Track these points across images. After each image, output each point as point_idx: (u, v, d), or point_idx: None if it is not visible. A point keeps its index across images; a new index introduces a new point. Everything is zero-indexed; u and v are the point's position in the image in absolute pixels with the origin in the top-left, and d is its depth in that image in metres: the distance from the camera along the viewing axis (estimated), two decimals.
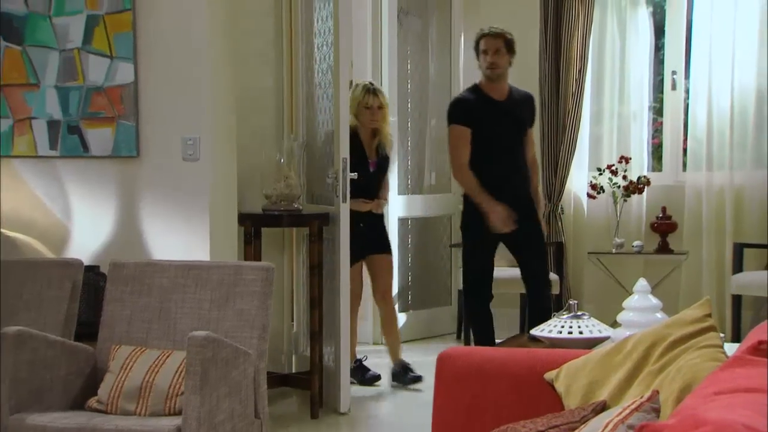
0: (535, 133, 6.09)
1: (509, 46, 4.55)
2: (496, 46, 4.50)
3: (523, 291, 5.76)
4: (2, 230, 4.05)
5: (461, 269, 5.45)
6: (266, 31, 4.61)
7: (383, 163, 4.80)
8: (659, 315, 2.69)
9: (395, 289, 5.69)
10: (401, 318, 5.72)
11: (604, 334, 2.96)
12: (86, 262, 3.76)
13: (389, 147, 4.85)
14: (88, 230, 4.06)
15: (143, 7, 3.94)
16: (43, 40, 4.04)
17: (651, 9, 5.99)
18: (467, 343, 5.42)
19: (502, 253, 5.74)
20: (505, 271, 5.59)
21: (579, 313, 3.11)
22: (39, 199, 4.12)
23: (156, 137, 3.97)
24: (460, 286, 5.51)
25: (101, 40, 3.98)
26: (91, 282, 3.79)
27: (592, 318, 3.10)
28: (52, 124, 4.06)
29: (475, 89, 4.56)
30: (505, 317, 5.51)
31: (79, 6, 3.99)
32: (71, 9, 4.00)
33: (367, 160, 4.71)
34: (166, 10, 3.93)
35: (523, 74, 6.00)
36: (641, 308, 2.71)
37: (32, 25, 4.05)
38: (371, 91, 4.71)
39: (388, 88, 5.72)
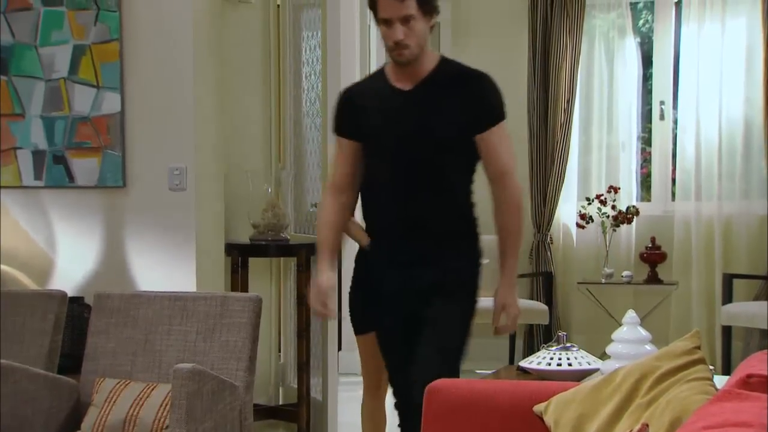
0: (524, 163, 6.15)
1: (425, 4, 2.64)
2: (402, 11, 2.58)
3: None
4: None
5: None
6: (254, 61, 4.61)
7: None
8: (648, 347, 2.68)
9: None
10: None
11: (593, 366, 2.94)
12: (70, 293, 3.72)
13: None
14: (72, 261, 4.02)
15: (130, 37, 3.94)
16: (29, 69, 4.03)
17: (638, 39, 6.03)
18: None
19: (489, 280, 5.71)
20: (493, 300, 5.56)
21: (568, 344, 3.10)
22: (23, 229, 4.09)
23: (142, 167, 3.95)
24: None
25: (88, 69, 3.97)
26: (75, 314, 3.75)
27: (581, 350, 3.09)
28: (38, 154, 4.04)
29: (379, 75, 2.78)
30: (493, 348, 5.47)
31: (65, 36, 3.98)
32: (57, 39, 3.99)
33: None
34: (153, 40, 3.93)
35: (512, 105, 6.00)
36: (630, 340, 2.70)
37: (18, 54, 4.04)
38: None
39: None
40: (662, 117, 5.91)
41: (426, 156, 2.65)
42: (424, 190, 2.66)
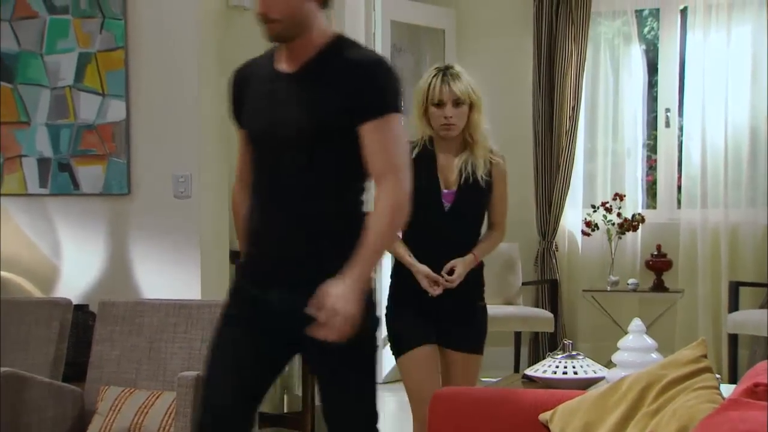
0: (529, 170, 6.15)
1: None
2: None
3: (518, 329, 5.77)
4: None
5: None
6: None
7: (472, 196, 3.08)
8: (654, 355, 2.67)
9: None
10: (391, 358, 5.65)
11: (598, 374, 2.93)
12: (75, 301, 3.72)
13: (484, 167, 3.09)
14: (77, 269, 4.02)
15: (135, 45, 3.94)
16: (35, 77, 4.04)
17: (644, 46, 6.03)
18: None
19: (495, 287, 5.71)
20: (498, 308, 5.56)
21: (573, 353, 3.08)
22: (28, 237, 4.09)
23: (147, 175, 3.95)
24: None
25: (93, 77, 3.97)
26: (80, 321, 3.75)
27: (586, 358, 3.07)
28: (43, 162, 4.05)
29: (271, 54, 2.43)
30: (498, 356, 5.46)
31: (71, 44, 3.99)
32: (63, 47, 4.00)
33: (438, 190, 3.06)
34: (159, 48, 3.94)
35: (517, 112, 6.03)
36: (636, 348, 2.69)
37: (24, 62, 4.05)
38: (444, 74, 3.06)
39: None
40: (668, 124, 5.90)
41: (301, 152, 2.22)
42: (294, 195, 2.23)
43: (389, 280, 3.20)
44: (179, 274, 3.88)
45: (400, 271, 3.11)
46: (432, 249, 3.05)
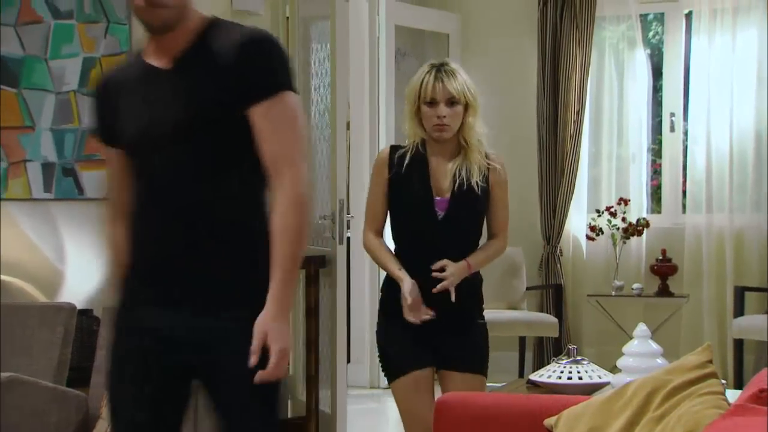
0: (533, 175, 6.15)
1: None
2: None
3: (522, 334, 5.76)
4: None
5: None
6: None
7: (467, 204, 2.85)
8: (659, 361, 2.66)
9: None
10: None
11: (603, 379, 2.92)
12: (79, 305, 3.72)
13: (480, 172, 2.86)
14: (81, 273, 4.02)
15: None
16: (39, 82, 4.04)
17: (649, 51, 6.02)
18: None
19: (499, 292, 5.70)
20: (502, 313, 5.55)
21: (578, 358, 3.08)
22: (32, 242, 4.09)
23: None
24: None
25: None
26: (84, 326, 3.75)
27: (591, 363, 3.06)
28: (47, 167, 4.05)
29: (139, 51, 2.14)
30: (502, 361, 5.45)
31: (75, 49, 4.00)
32: (68, 52, 4.01)
33: (430, 197, 2.85)
34: None
35: (521, 116, 6.02)
36: (641, 354, 2.69)
37: (28, 67, 4.05)
38: (438, 71, 2.85)
39: (385, 130, 5.72)
40: (672, 129, 5.89)
41: (178, 148, 1.95)
42: (172, 194, 1.96)
43: (379, 294, 2.97)
44: None
45: (391, 284, 2.84)
46: (425, 260, 2.80)
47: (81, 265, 4.03)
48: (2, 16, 4.05)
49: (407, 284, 2.78)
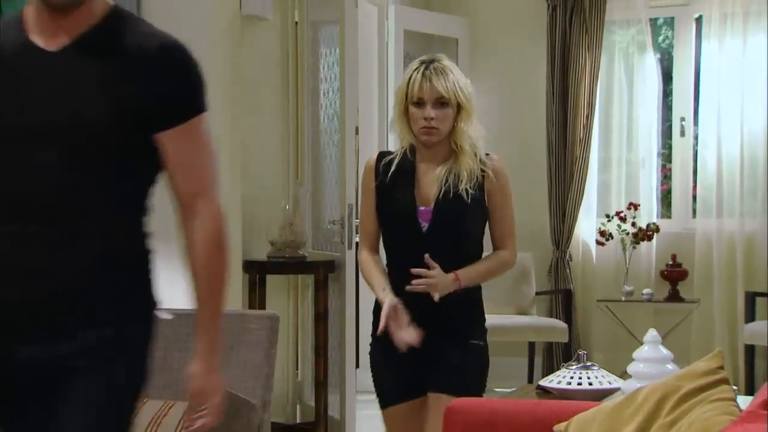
0: (543, 179, 6.14)
1: None
2: None
3: (532, 339, 5.74)
4: None
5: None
6: (272, 78, 4.61)
7: (453, 213, 2.59)
8: (670, 366, 2.65)
9: None
10: None
11: (614, 385, 2.91)
12: None
13: (470, 179, 2.59)
14: None
15: None
16: None
17: (659, 55, 6.00)
18: None
19: (508, 297, 5.69)
20: (511, 318, 5.53)
21: (588, 363, 3.06)
22: None
23: (160, 185, 3.94)
24: None
25: None
26: None
27: (601, 369, 3.05)
28: None
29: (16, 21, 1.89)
30: (511, 366, 5.43)
31: None
32: None
33: (413, 207, 2.60)
34: None
35: (530, 121, 6.01)
36: (652, 359, 2.67)
37: None
38: (426, 68, 2.57)
39: (393, 135, 5.71)
40: (683, 133, 5.87)
41: (60, 167, 1.65)
42: (52, 225, 1.66)
43: (371, 316, 2.68)
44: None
45: (380, 306, 2.58)
46: (412, 277, 2.53)
47: None
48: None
49: (385, 307, 2.51)
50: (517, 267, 5.88)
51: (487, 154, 2.64)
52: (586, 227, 5.88)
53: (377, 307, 2.61)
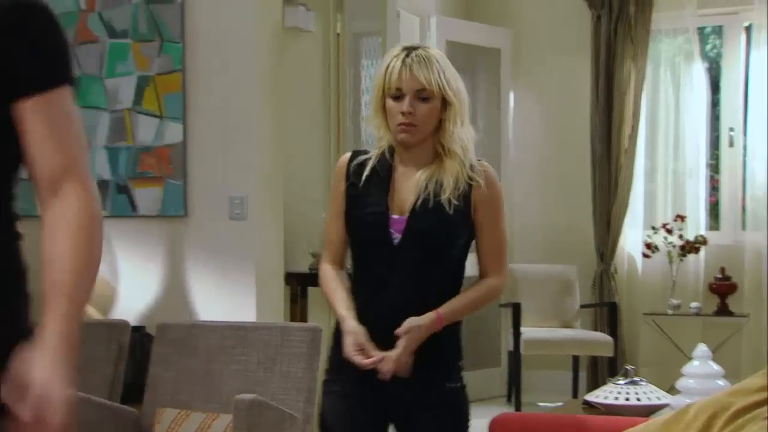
0: (587, 190, 6.08)
1: None
2: None
3: (576, 353, 5.67)
4: None
5: (512, 331, 5.35)
6: (314, 89, 4.62)
7: (432, 225, 2.17)
8: (721, 382, 2.59)
9: None
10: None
11: (662, 401, 2.85)
12: (132, 322, 3.74)
13: (455, 188, 2.18)
14: (134, 290, 4.05)
15: (193, 68, 3.98)
16: (95, 101, 4.10)
17: (707, 64, 5.91)
18: (518, 407, 5.28)
19: (552, 310, 5.62)
20: (555, 331, 5.47)
21: (636, 378, 3.01)
22: None
23: (203, 196, 3.97)
24: (510, 347, 5.40)
25: (151, 100, 4.01)
26: (137, 343, 3.77)
27: (649, 384, 2.99)
28: (102, 184, 4.09)
29: None
30: (555, 380, 5.37)
31: (130, 68, 4.04)
32: (123, 71, 4.05)
33: (384, 216, 2.19)
34: (216, 71, 3.96)
35: (575, 131, 5.95)
36: (702, 375, 2.62)
37: (85, 87, 4.10)
38: (407, 55, 2.18)
39: None
40: (731, 143, 5.77)
41: None
42: None
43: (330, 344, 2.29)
44: (234, 295, 3.88)
45: (342, 333, 2.16)
46: (376, 300, 2.16)
47: (133, 282, 4.06)
48: None
49: (354, 328, 2.11)
50: (561, 279, 5.88)
51: (479, 160, 2.22)
52: (631, 239, 5.81)
53: (338, 332, 2.19)
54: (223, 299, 3.90)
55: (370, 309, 2.16)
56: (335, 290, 2.22)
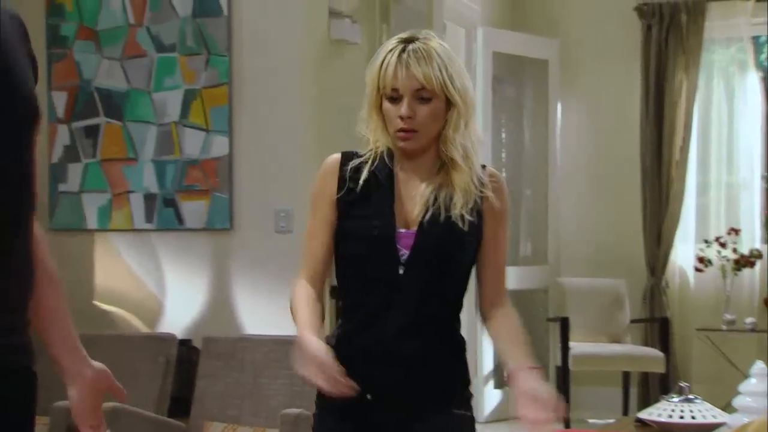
0: (636, 203, 5.97)
1: None
2: None
3: (626, 369, 5.56)
4: (97, 303, 4.09)
5: (560, 346, 5.26)
6: (359, 102, 4.60)
7: (444, 240, 1.89)
8: None
9: (490, 365, 5.53)
10: (496, 395, 5.52)
11: (719, 419, 2.76)
12: (178, 335, 3.74)
13: (466, 201, 1.89)
14: (180, 303, 4.06)
15: (239, 81, 3.98)
16: (143, 115, 4.12)
17: (761, 74, 5.79)
18: (567, 424, 5.19)
19: (601, 325, 5.52)
20: (605, 346, 5.38)
21: (690, 396, 2.93)
22: (133, 272, 4.15)
23: (249, 209, 3.97)
24: (558, 362, 5.32)
25: (198, 113, 4.03)
26: (184, 356, 3.77)
27: (704, 402, 2.91)
28: (149, 198, 4.11)
29: None
30: (605, 397, 5.27)
31: (177, 81, 4.06)
32: (170, 84, 4.07)
33: (391, 229, 1.90)
34: (262, 84, 3.96)
35: (624, 143, 5.86)
36: (759, 393, 2.54)
37: (133, 100, 4.13)
38: (403, 49, 1.89)
39: (482, 158, 5.64)
40: None
41: None
42: None
43: None
44: (281, 309, 3.84)
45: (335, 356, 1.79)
46: (377, 328, 1.86)
47: (180, 295, 4.06)
48: (109, 50, 4.15)
49: (312, 345, 1.77)
50: (610, 293, 5.79)
51: (483, 167, 1.94)
52: (683, 253, 5.70)
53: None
54: (269, 312, 3.88)
55: (369, 334, 1.85)
56: (303, 309, 1.87)
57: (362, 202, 1.92)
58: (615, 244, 5.86)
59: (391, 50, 1.90)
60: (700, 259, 5.51)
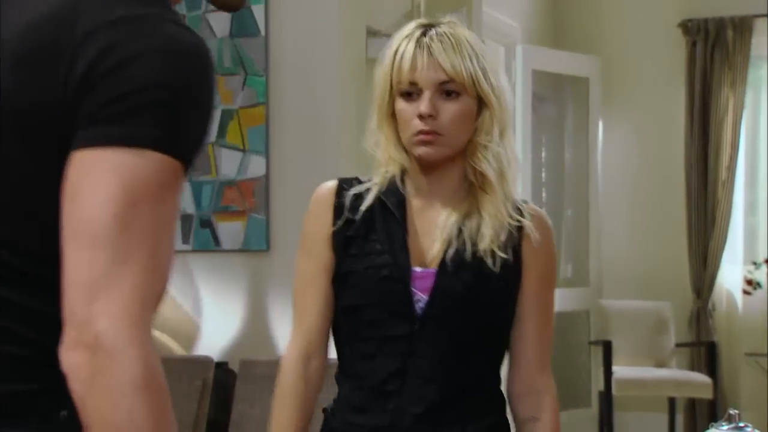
0: (681, 224, 5.85)
1: None
2: None
3: (671, 394, 5.43)
4: None
5: (603, 370, 5.14)
6: None
7: (473, 285, 1.48)
8: None
9: None
10: None
11: None
12: (215, 358, 3.70)
13: (497, 234, 1.48)
14: (217, 326, 4.01)
15: (276, 101, 3.95)
16: None
17: None
18: None
19: (645, 349, 5.38)
20: (650, 371, 5.25)
21: (741, 423, 2.81)
22: (170, 294, 4.12)
23: (286, 231, 3.92)
24: (601, 387, 5.19)
25: (234, 133, 4.00)
26: (220, 379, 3.72)
27: (756, 429, 2.80)
28: (185, 219, 4.08)
29: None
30: (650, 422, 5.13)
31: (215, 102, 4.03)
32: None
33: (404, 269, 1.50)
34: (299, 103, 3.93)
35: (669, 163, 5.75)
36: None
37: None
38: (423, 33, 1.50)
39: (521, 177, 5.57)
40: None
41: None
42: None
43: None
44: None
45: None
46: (396, 401, 1.47)
47: (216, 317, 4.02)
48: None
49: None
50: (654, 316, 5.65)
51: (525, 202, 1.55)
52: (730, 275, 5.56)
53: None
54: None
55: (378, 417, 1.43)
56: (281, 412, 1.53)
57: (365, 236, 1.50)
58: (659, 266, 5.73)
59: (407, 36, 1.48)
60: (749, 282, 5.38)
